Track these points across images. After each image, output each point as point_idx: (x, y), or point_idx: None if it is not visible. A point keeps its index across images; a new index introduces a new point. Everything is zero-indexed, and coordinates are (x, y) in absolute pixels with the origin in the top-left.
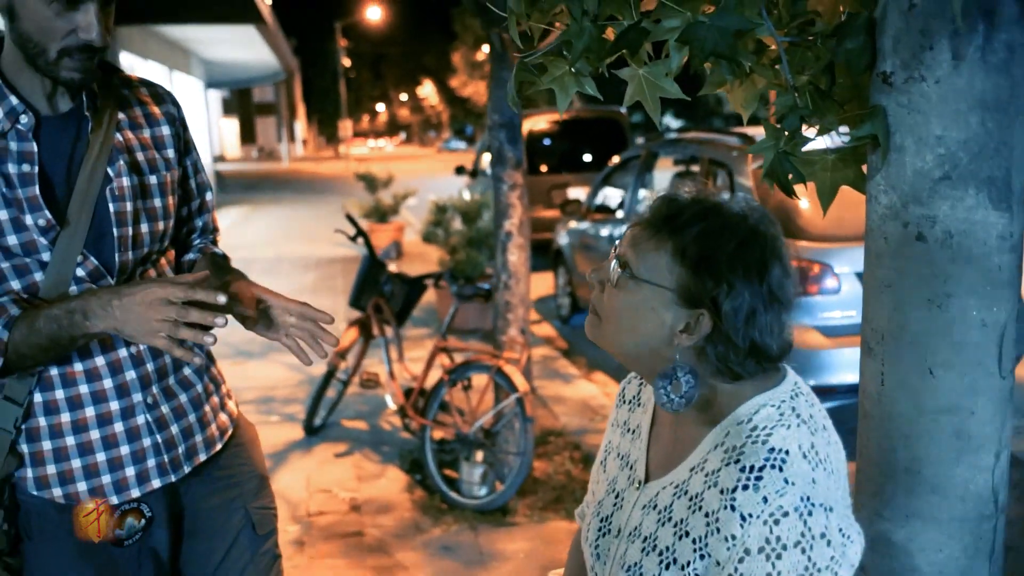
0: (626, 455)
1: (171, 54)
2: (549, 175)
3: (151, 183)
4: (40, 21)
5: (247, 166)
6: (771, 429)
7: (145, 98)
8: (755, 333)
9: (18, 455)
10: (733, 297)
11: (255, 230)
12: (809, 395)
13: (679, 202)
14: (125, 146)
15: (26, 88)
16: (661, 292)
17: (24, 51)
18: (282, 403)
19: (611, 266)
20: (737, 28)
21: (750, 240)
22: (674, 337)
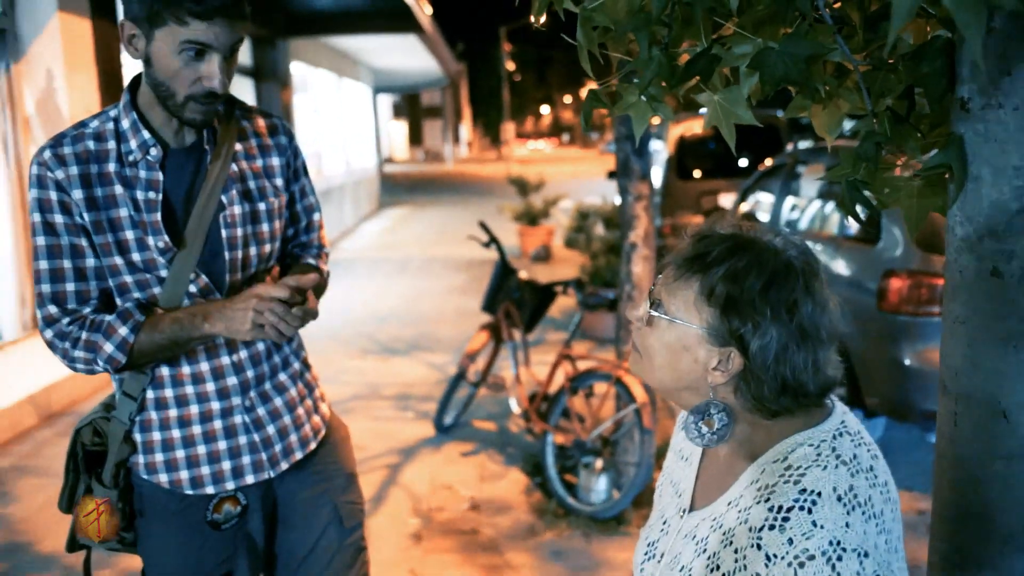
0: (677, 482)
1: (340, 62)
2: (701, 181)
3: (260, 209)
4: (170, 69)
5: (412, 168)
6: (805, 469)
7: (261, 129)
8: (786, 371)
9: (132, 443)
10: (760, 336)
11: (413, 230)
12: (857, 434)
13: (710, 239)
14: (239, 175)
15: (157, 123)
16: (691, 330)
17: (156, 93)
18: (419, 400)
19: (645, 305)
20: (808, 54)
21: (780, 277)
22: (708, 374)
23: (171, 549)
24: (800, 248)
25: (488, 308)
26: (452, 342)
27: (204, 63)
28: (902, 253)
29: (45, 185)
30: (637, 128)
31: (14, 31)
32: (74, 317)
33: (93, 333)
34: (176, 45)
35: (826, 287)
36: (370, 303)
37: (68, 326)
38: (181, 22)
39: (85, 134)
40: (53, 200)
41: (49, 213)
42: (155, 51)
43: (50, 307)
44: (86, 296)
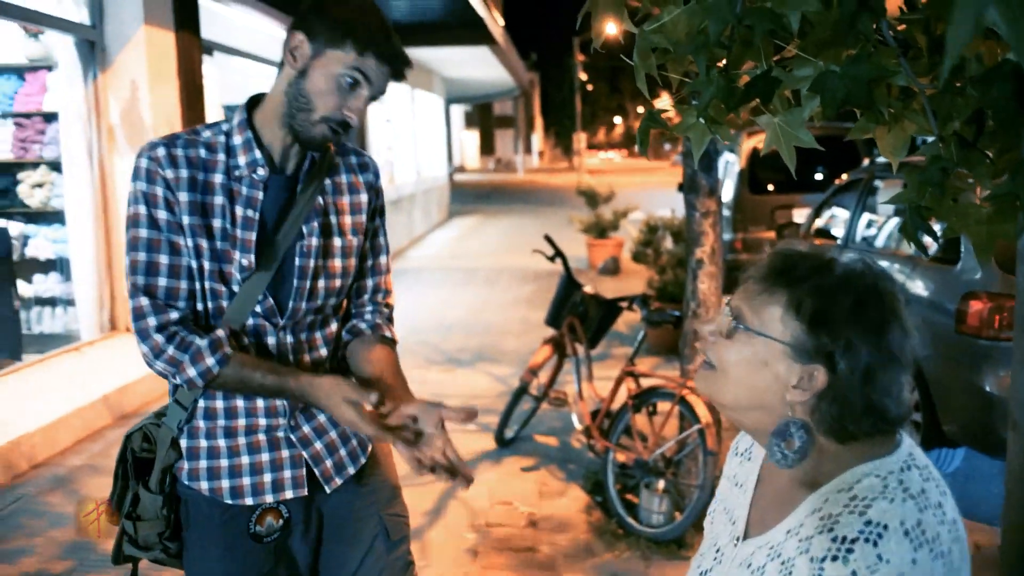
0: (731, 509)
1: (413, 74)
2: (774, 195)
3: (336, 245)
4: (322, 88)
5: (483, 177)
6: (871, 501)
7: (352, 166)
8: (872, 393)
9: (178, 449)
10: (850, 354)
11: (482, 240)
12: (926, 468)
13: (794, 255)
14: (323, 209)
15: (268, 140)
16: (774, 345)
17: (293, 105)
18: (481, 413)
19: (724, 317)
20: (870, 77)
21: (868, 297)
22: (786, 392)
23: (213, 560)
24: (881, 272)
25: (552, 322)
26: (517, 354)
27: (354, 95)
28: (983, 275)
29: (154, 181)
30: (696, 149)
31: (102, 43)
32: (161, 321)
33: (180, 352)
34: (342, 69)
35: (907, 311)
36: (436, 312)
37: (156, 333)
38: (361, 52)
39: (198, 141)
40: (160, 196)
41: (155, 208)
42: (317, 66)
43: (141, 299)
44: (175, 294)
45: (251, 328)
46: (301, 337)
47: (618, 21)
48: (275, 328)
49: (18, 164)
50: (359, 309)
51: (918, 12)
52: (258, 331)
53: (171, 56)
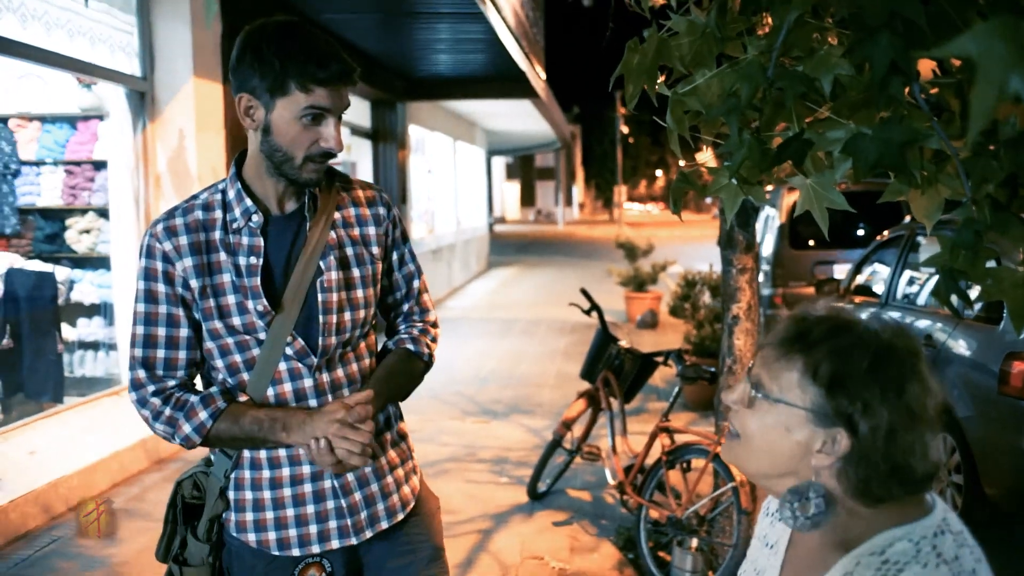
0: (761, 571)
1: (456, 126)
2: (815, 250)
3: (356, 276)
4: (290, 135)
5: (524, 228)
6: (904, 565)
7: (359, 199)
8: (896, 452)
9: (226, 500)
10: (870, 416)
11: (520, 291)
12: (960, 534)
13: (809, 319)
14: (337, 242)
15: (260, 192)
16: (795, 411)
17: (272, 159)
18: (514, 465)
19: (744, 386)
20: (903, 140)
21: (885, 357)
22: (811, 457)
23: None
24: (899, 330)
25: (587, 376)
26: (552, 406)
27: (322, 126)
28: None
29: (153, 255)
30: (728, 210)
31: (152, 93)
32: (159, 387)
33: (176, 411)
34: (298, 112)
35: (928, 368)
36: (472, 363)
37: (153, 396)
38: (306, 90)
39: (195, 205)
40: (159, 269)
41: (153, 281)
42: (276, 119)
43: (139, 371)
44: (174, 364)
45: (287, 373)
46: (338, 373)
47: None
48: (310, 369)
49: (67, 210)
50: (396, 330)
51: (950, 76)
52: (293, 375)
53: (218, 107)
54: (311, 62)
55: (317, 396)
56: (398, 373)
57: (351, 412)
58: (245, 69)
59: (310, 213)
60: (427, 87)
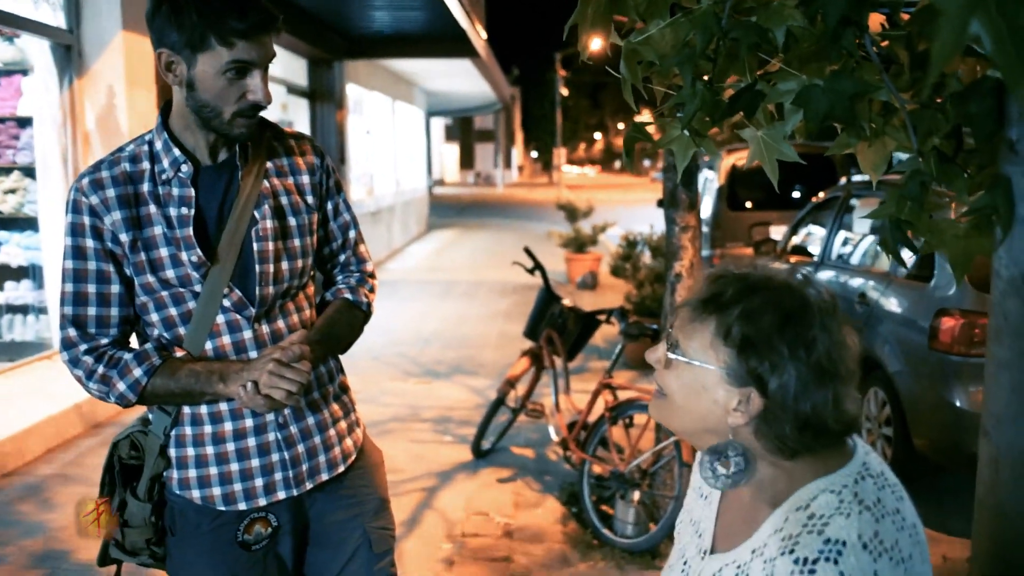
0: (697, 521)
1: (394, 85)
2: (752, 212)
3: (292, 225)
4: (216, 89)
5: (463, 191)
6: (828, 518)
7: (292, 149)
8: (807, 409)
9: (167, 458)
10: (778, 375)
11: (461, 253)
12: (881, 475)
13: (725, 279)
14: (271, 191)
15: (190, 143)
16: (709, 371)
17: (199, 115)
18: (458, 424)
19: (663, 347)
20: (853, 92)
21: (796, 315)
22: (728, 415)
23: (200, 569)
24: (816, 285)
25: (530, 334)
26: (494, 367)
27: (248, 79)
28: (955, 292)
29: (79, 210)
30: (680, 162)
31: (79, 47)
32: (91, 346)
33: (109, 369)
34: (221, 66)
35: (844, 323)
36: (414, 324)
37: (85, 355)
38: (227, 44)
39: (121, 157)
40: (86, 225)
41: (81, 237)
42: (199, 74)
43: (70, 330)
44: (106, 321)
45: (225, 325)
46: (278, 325)
47: (604, 35)
48: (249, 320)
49: None
50: (333, 282)
51: (900, 29)
52: (232, 327)
53: (149, 62)
54: (230, 13)
55: (257, 348)
56: (338, 323)
57: (286, 351)
58: (162, 23)
59: (242, 162)
60: (366, 45)
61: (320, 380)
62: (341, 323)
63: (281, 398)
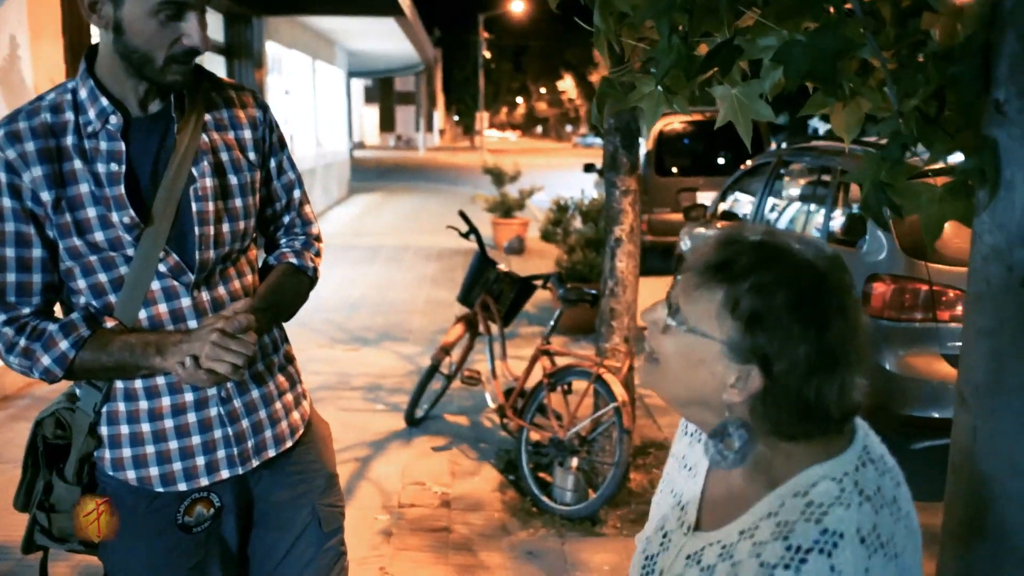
0: (679, 493)
1: (315, 44)
2: (679, 177)
3: (233, 183)
4: (147, 33)
5: (384, 154)
6: (828, 507)
7: (232, 101)
8: (810, 394)
9: (97, 437)
10: (786, 356)
11: (384, 217)
12: (881, 460)
13: (737, 246)
14: (210, 147)
15: (119, 92)
16: (710, 343)
17: (129, 61)
18: (389, 392)
19: (661, 310)
20: (835, 49)
21: (811, 293)
22: (724, 391)
23: (138, 554)
24: (833, 259)
25: (464, 300)
26: (424, 333)
27: (184, 21)
28: (886, 257)
29: None
30: (649, 120)
31: None
32: (11, 316)
33: (32, 342)
34: (152, 7)
35: (859, 304)
36: (340, 290)
37: (4, 327)
38: None
39: (41, 107)
40: (2, 182)
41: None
42: (127, 16)
43: None
44: (28, 289)
45: (161, 292)
46: (219, 291)
47: None
48: (187, 287)
49: None
50: (277, 245)
51: None
52: (168, 294)
53: (55, 11)
54: None
55: (197, 316)
56: (284, 289)
57: (230, 321)
58: None
59: (177, 114)
60: (286, 1)
61: (264, 350)
62: (287, 289)
63: (226, 372)
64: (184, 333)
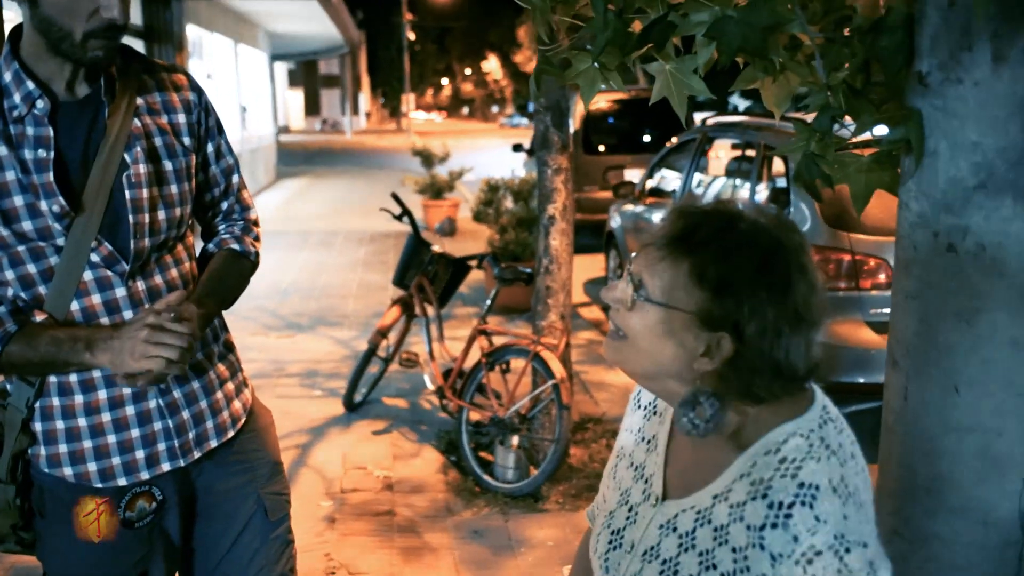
0: (641, 466)
1: (237, 26)
2: (607, 155)
3: (168, 169)
4: (62, 4)
5: (310, 138)
6: (800, 462)
7: (165, 83)
8: (780, 354)
9: (31, 433)
10: (757, 319)
11: (313, 202)
12: (838, 419)
13: (695, 216)
14: (143, 132)
15: (45, 74)
16: (679, 315)
17: (47, 36)
18: (326, 377)
19: (625, 287)
20: (767, 24)
21: (773, 255)
22: (694, 361)
23: (78, 552)
24: (787, 224)
25: (400, 282)
26: (358, 317)
27: None
28: (810, 228)
29: None
30: (586, 96)
31: None
32: None
33: None
34: None
35: (814, 262)
36: (270, 276)
37: None
38: None
39: None
40: None
41: None
42: None
43: None
44: None
45: (94, 283)
46: (155, 280)
47: None
48: (121, 277)
49: None
50: (215, 232)
51: None
52: (102, 284)
53: None
54: None
55: (132, 307)
56: (227, 276)
57: (164, 315)
58: None
59: (108, 98)
60: None
61: (204, 339)
62: (231, 275)
63: (160, 368)
64: (115, 328)
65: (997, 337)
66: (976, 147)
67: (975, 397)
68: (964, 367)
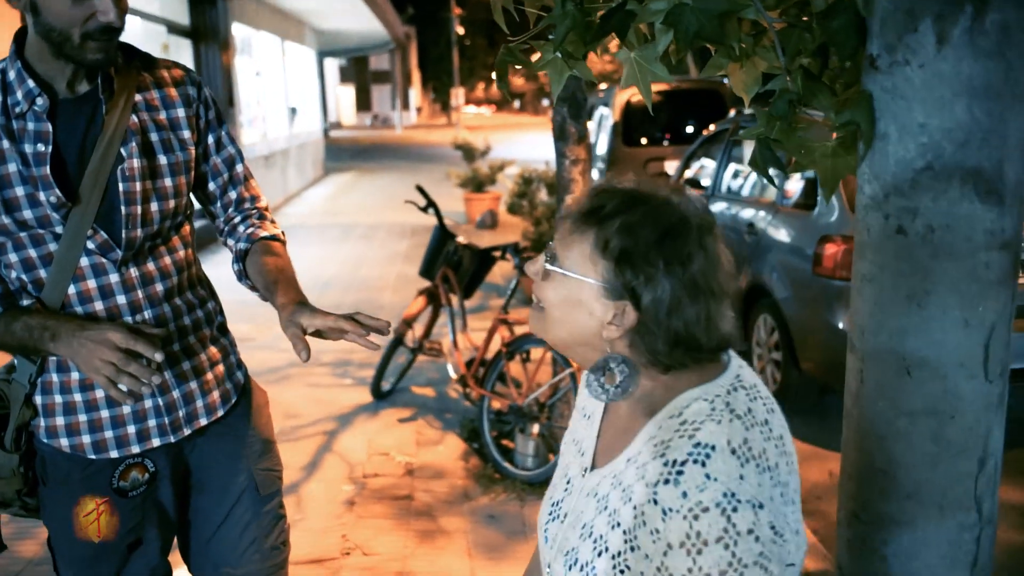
0: (580, 440)
1: (284, 24)
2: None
3: (162, 164)
4: (61, 11)
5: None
6: (700, 424)
7: (164, 79)
8: (679, 325)
9: (33, 406)
10: (652, 289)
11: (358, 196)
12: (753, 388)
13: (606, 193)
14: (139, 127)
15: (47, 74)
16: (586, 284)
17: (49, 41)
18: (357, 367)
19: (541, 259)
20: (723, 10)
21: (674, 230)
22: (603, 329)
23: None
24: (697, 203)
25: (426, 273)
26: (394, 308)
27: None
28: (837, 219)
29: None
30: (554, 86)
31: None
32: None
33: None
34: None
35: (721, 243)
36: (312, 269)
37: None
38: None
39: None
40: None
41: None
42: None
43: None
44: None
45: (89, 269)
46: (148, 267)
47: None
48: (115, 263)
49: None
50: (231, 225)
51: None
52: (97, 270)
53: None
54: None
55: (125, 292)
56: (285, 265)
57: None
58: None
59: (106, 95)
60: None
61: (197, 323)
62: (285, 262)
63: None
64: (80, 322)
65: (948, 319)
66: (923, 128)
67: (926, 380)
68: (915, 350)
